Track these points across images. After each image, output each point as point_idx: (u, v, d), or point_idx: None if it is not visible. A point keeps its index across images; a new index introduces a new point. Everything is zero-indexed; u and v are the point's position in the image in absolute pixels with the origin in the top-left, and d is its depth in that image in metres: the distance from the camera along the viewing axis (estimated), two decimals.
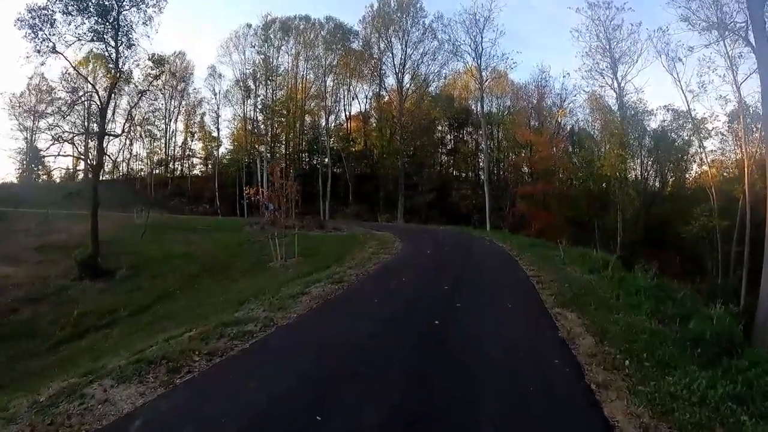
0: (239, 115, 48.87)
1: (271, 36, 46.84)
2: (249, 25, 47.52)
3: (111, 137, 24.08)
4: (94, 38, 23.73)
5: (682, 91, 29.09)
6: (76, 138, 24.53)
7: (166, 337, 7.30)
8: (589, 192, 31.21)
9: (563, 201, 33.66)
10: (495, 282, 9.47)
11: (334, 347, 5.47)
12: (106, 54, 23.84)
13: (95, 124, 40.78)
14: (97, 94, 23.02)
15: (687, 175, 41.15)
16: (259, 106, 46.44)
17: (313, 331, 6.42)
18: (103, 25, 23.71)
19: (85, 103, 23.87)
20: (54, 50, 23.19)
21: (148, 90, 25.70)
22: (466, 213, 38.95)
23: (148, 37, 26.54)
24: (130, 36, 24.29)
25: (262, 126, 47.05)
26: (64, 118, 24.53)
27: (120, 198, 45.82)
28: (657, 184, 41.01)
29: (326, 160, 45.38)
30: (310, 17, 47.52)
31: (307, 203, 47.68)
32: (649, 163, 39.42)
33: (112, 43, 24.05)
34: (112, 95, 23.60)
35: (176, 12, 78.37)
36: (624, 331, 6.16)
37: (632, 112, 30.89)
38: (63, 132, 22.72)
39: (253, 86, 46.71)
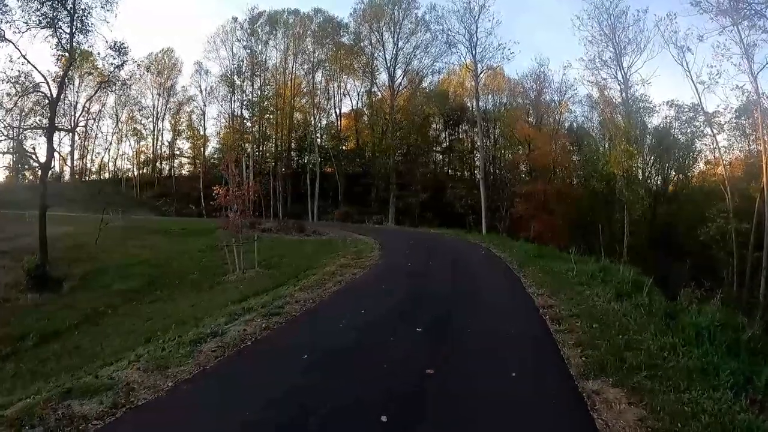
0: (225, 113, 46.07)
1: (258, 30, 43.93)
2: (235, 19, 44.64)
3: (62, 133, 21.12)
4: (47, 24, 21.10)
5: (693, 83, 26.24)
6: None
7: None
8: (592, 191, 28.27)
9: (564, 201, 30.81)
10: (491, 322, 6.45)
11: None
12: (58, 41, 21.04)
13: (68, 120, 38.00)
14: (48, 86, 20.18)
15: (690, 173, 38.39)
16: (245, 102, 43.44)
17: None
18: (56, 10, 21.07)
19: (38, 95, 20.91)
20: (3, 38, 20.57)
21: (109, 80, 22.90)
22: (462, 214, 36.13)
23: (107, 22, 24.11)
24: (86, 21, 21.73)
25: (248, 123, 44.13)
26: (8, 111, 21.50)
27: (104, 199, 43.10)
28: (659, 183, 37.95)
29: (314, 158, 42.53)
30: (299, 11, 44.67)
31: (295, 204, 45.10)
32: (650, 160, 36.49)
33: (66, 30, 21.44)
34: (64, 86, 20.79)
35: (168, 7, 75.51)
36: None
37: (637, 106, 28.02)
38: (6, 127, 19.82)
39: (239, 82, 43.75)
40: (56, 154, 31.69)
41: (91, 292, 16.90)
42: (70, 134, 38.70)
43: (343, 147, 48.05)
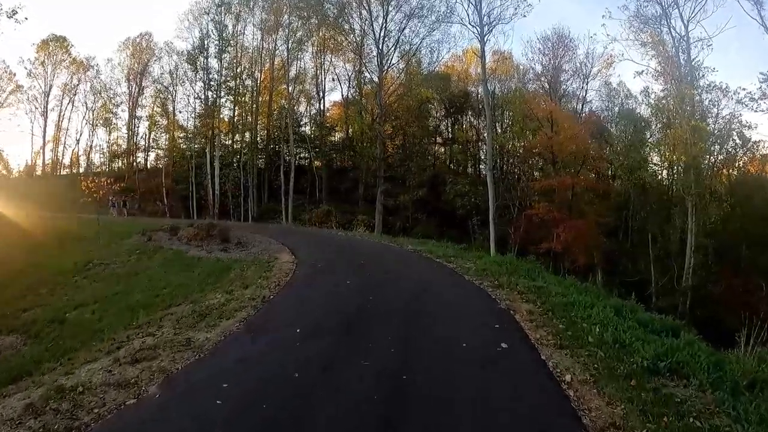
0: (188, 95, 38.17)
1: (231, 1, 35.83)
2: None
3: None
4: None
5: None
6: None
7: None
8: (642, 187, 19.74)
9: (594, 201, 22.35)
10: None
11: None
12: None
13: None
14: None
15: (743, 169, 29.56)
16: (211, 83, 35.32)
17: None
18: None
19: None
20: None
21: None
22: (464, 216, 27.92)
23: None
24: None
25: (212, 107, 36.06)
26: None
27: (70, 196, 35.74)
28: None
29: (290, 148, 34.48)
30: None
31: (272, 202, 37.22)
32: None
33: None
34: None
35: None
36: None
37: (700, 73, 19.45)
38: None
39: (202, 59, 35.58)
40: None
41: None
42: None
43: (331, 138, 40.21)
